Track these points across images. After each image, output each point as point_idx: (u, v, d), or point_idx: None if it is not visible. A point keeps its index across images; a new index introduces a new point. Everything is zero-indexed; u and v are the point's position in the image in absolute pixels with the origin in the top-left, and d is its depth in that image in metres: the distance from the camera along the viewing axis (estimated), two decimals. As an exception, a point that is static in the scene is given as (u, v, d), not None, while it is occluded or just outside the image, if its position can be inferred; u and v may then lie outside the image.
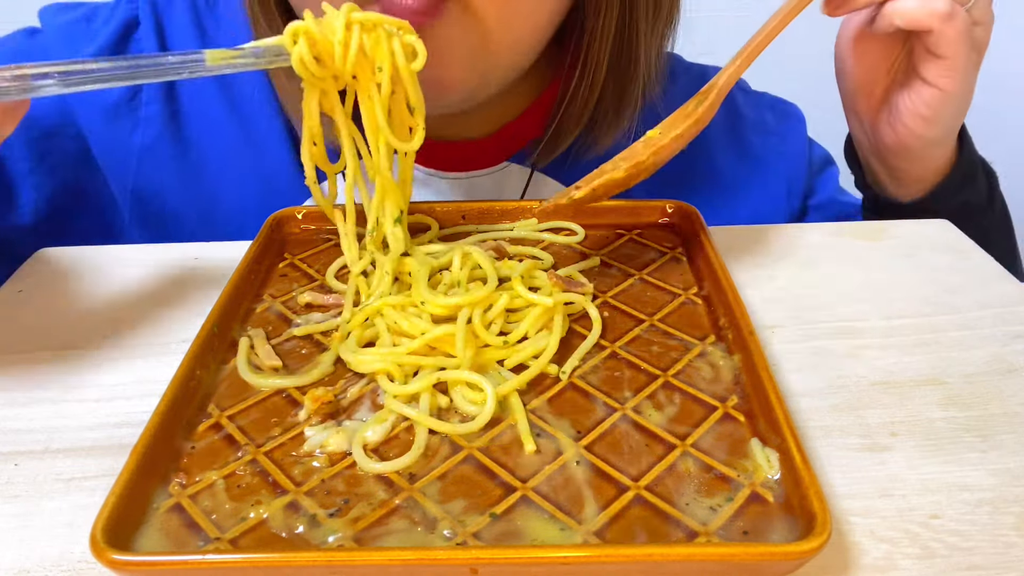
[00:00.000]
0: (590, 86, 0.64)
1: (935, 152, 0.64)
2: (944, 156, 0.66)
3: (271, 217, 0.57)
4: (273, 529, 0.34)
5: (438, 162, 0.70)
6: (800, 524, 0.33)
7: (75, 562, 0.34)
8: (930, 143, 0.63)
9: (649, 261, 0.54)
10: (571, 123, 0.66)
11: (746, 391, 0.41)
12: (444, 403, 0.41)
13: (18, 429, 0.42)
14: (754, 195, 0.75)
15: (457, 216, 0.59)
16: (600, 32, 0.61)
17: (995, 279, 0.53)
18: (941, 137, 0.63)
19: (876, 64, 0.63)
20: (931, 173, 0.66)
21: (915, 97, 0.60)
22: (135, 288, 0.54)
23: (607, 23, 0.61)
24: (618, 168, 0.49)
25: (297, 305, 0.50)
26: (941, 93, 0.59)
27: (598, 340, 0.46)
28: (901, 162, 0.65)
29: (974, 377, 0.44)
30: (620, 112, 0.66)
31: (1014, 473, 0.38)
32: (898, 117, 0.62)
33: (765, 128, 0.78)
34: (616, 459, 0.37)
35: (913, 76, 0.60)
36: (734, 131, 0.76)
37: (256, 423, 0.40)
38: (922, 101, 0.60)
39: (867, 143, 0.67)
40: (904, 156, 0.64)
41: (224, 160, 0.69)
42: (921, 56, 0.58)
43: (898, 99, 0.62)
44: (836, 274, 0.54)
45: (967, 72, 0.58)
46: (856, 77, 0.65)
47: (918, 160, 0.65)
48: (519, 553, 0.32)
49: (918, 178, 0.66)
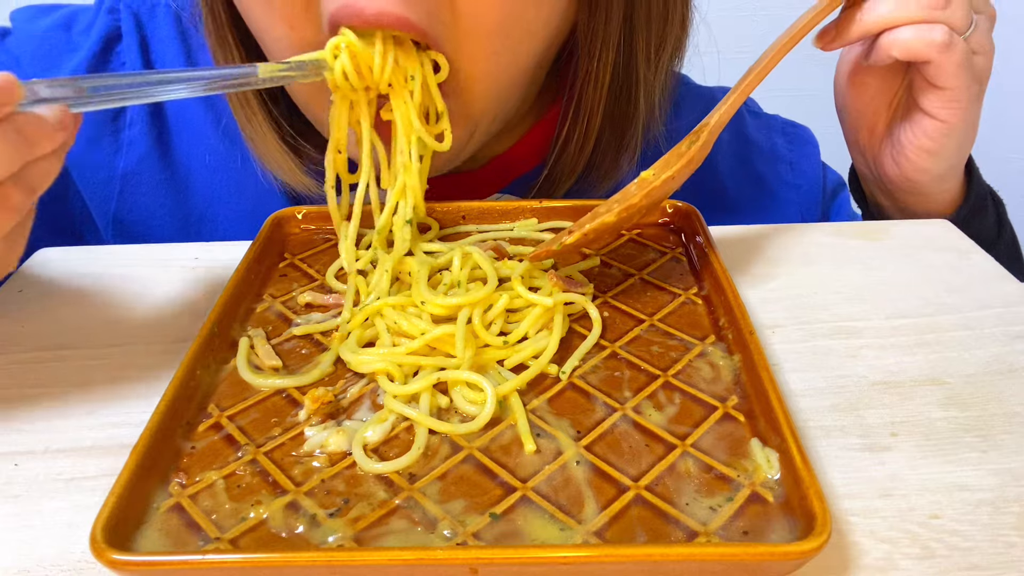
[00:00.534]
0: (585, 134, 0.62)
1: (941, 187, 0.63)
2: (952, 191, 0.64)
3: (271, 217, 0.57)
4: (273, 529, 0.34)
5: (428, 195, 0.68)
6: (800, 524, 0.33)
7: (75, 562, 0.34)
8: (935, 178, 0.61)
9: (649, 261, 0.54)
10: (566, 170, 0.64)
11: (746, 391, 0.41)
12: (444, 403, 0.41)
13: (18, 429, 0.42)
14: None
15: (457, 216, 0.59)
16: (595, 76, 0.59)
17: (995, 279, 0.53)
18: (946, 171, 0.61)
19: (876, 97, 0.62)
20: (939, 207, 0.64)
21: (917, 130, 0.59)
22: (135, 288, 0.54)
23: (602, 68, 0.58)
24: (611, 211, 0.48)
25: (297, 305, 0.50)
26: (943, 125, 0.57)
27: (598, 340, 0.46)
28: (907, 197, 0.63)
29: (974, 377, 0.44)
30: (618, 157, 0.64)
31: (1014, 473, 0.38)
32: (901, 151, 0.60)
33: (776, 155, 0.75)
34: (616, 459, 0.37)
35: (914, 109, 0.59)
36: (743, 157, 0.74)
37: (256, 423, 0.40)
38: (924, 134, 0.58)
39: (872, 178, 0.66)
40: (909, 191, 0.63)
41: (213, 178, 0.68)
42: (921, 88, 0.57)
43: (900, 133, 0.60)
44: (836, 274, 0.54)
45: (969, 103, 0.57)
46: (856, 112, 0.63)
47: (924, 195, 0.63)
48: (519, 553, 0.32)
49: (926, 212, 0.64)
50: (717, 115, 0.51)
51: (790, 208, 0.74)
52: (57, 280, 0.55)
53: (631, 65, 0.59)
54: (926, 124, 0.58)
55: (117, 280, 0.55)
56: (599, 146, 0.63)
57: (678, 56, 0.63)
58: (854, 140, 0.66)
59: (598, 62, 0.58)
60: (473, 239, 0.56)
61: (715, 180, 0.56)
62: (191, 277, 0.55)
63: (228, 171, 0.67)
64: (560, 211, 0.58)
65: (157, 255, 0.58)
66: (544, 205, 0.58)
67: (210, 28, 0.59)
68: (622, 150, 0.63)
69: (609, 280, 0.52)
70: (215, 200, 0.68)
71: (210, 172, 0.67)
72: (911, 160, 0.60)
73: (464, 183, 0.68)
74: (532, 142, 0.68)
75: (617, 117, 0.62)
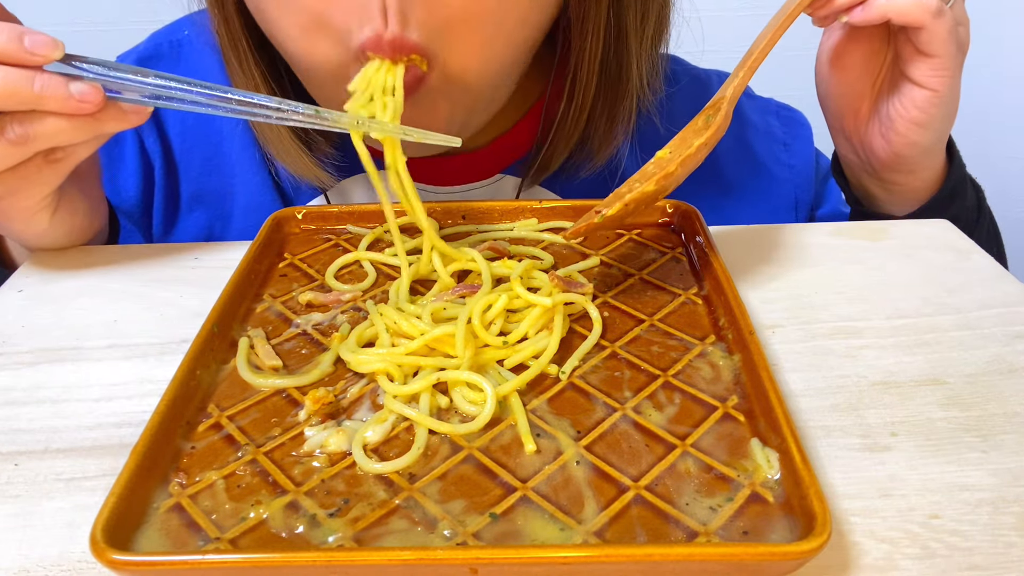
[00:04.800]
0: (580, 107, 0.63)
1: (929, 162, 0.64)
2: (936, 167, 0.65)
3: (271, 217, 0.57)
4: (273, 529, 0.34)
5: (432, 177, 0.69)
6: (800, 524, 0.33)
7: (75, 562, 0.34)
8: (924, 151, 0.62)
9: (649, 261, 0.54)
10: (562, 143, 0.65)
11: (746, 391, 0.41)
12: (444, 403, 0.41)
13: (18, 429, 0.42)
14: (760, 206, 0.74)
15: (457, 216, 0.59)
16: (588, 53, 0.60)
17: (995, 279, 0.53)
18: (934, 142, 0.62)
19: (860, 79, 0.63)
20: (925, 185, 0.66)
21: (907, 102, 0.60)
22: (135, 288, 0.54)
23: (594, 43, 0.60)
24: (650, 180, 0.48)
25: (297, 305, 0.50)
26: (933, 94, 0.58)
27: (598, 340, 0.46)
28: (895, 175, 0.64)
29: (974, 377, 0.44)
30: (612, 127, 0.65)
31: (1014, 473, 0.38)
32: (891, 126, 0.61)
33: (771, 136, 0.77)
34: (616, 459, 0.37)
35: (902, 81, 0.60)
36: (740, 137, 0.75)
37: (256, 423, 0.40)
38: (914, 105, 0.59)
39: (858, 162, 0.67)
40: (899, 167, 0.63)
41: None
42: (910, 58, 0.58)
43: (889, 108, 0.61)
44: (836, 274, 0.54)
45: (955, 72, 0.58)
46: (840, 95, 0.64)
47: (913, 171, 0.64)
48: (519, 553, 0.31)
49: (913, 190, 0.66)
50: (731, 87, 0.51)
51: (785, 187, 0.76)
52: (57, 280, 0.55)
53: (621, 39, 0.61)
54: (916, 95, 0.59)
55: (117, 280, 0.55)
56: (593, 117, 0.64)
57: (664, 28, 0.64)
58: (839, 127, 0.66)
59: (590, 38, 0.59)
60: (473, 239, 0.56)
61: (713, 159, 0.57)
62: (191, 277, 0.55)
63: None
64: (560, 211, 0.58)
65: (157, 255, 0.58)
66: (544, 205, 0.58)
67: (223, 33, 0.60)
68: (616, 121, 0.65)
69: (609, 280, 0.52)
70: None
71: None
72: (901, 134, 0.61)
73: (465, 164, 0.69)
74: (532, 122, 0.69)
75: (609, 90, 0.63)
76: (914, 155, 0.62)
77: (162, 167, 0.71)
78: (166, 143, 0.71)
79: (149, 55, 0.72)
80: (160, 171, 0.71)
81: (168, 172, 0.71)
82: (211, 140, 0.71)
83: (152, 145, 0.70)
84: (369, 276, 0.53)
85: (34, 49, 0.45)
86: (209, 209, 0.72)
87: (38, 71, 0.45)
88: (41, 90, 0.45)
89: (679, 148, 0.49)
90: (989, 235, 0.71)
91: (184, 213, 0.72)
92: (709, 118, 0.50)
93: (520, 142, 0.70)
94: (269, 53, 0.60)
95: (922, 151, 0.62)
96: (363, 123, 0.48)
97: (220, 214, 0.72)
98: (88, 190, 0.58)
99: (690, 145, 0.49)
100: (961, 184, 0.67)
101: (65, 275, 0.56)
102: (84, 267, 0.56)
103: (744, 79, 0.52)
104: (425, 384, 0.41)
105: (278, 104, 0.47)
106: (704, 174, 0.53)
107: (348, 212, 0.58)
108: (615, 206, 0.48)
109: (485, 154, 0.69)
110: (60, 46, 0.46)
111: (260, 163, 0.69)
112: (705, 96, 0.53)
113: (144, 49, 0.73)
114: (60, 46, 0.46)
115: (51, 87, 0.45)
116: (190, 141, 0.71)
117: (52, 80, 0.45)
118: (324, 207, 0.59)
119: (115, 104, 0.47)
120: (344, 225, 0.59)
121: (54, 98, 0.45)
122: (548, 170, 0.67)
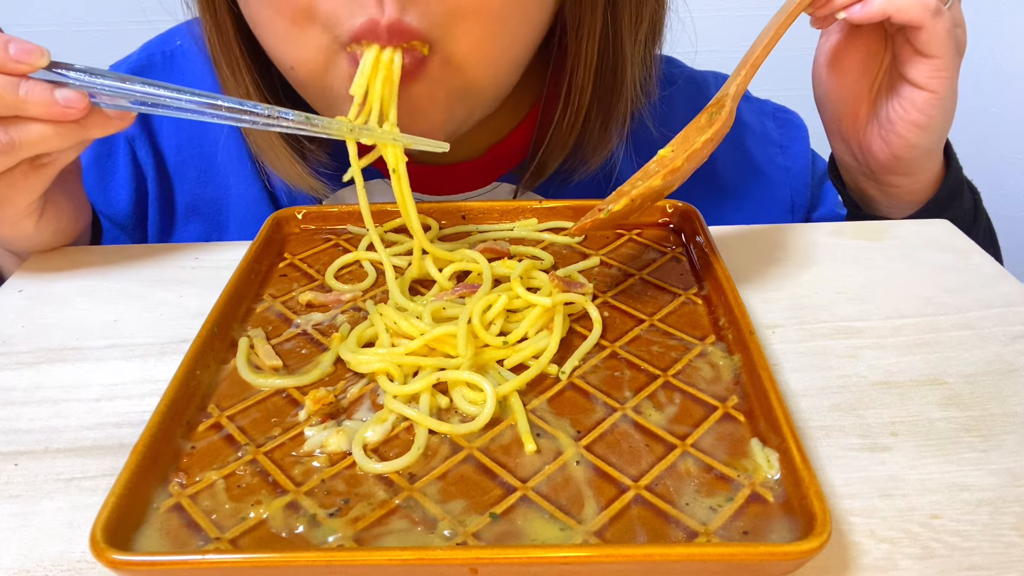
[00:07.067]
0: (576, 111, 0.63)
1: (926, 164, 0.64)
2: (934, 170, 0.65)
3: (271, 217, 0.57)
4: (273, 529, 0.34)
5: (427, 186, 0.68)
6: (800, 524, 0.33)
7: (75, 562, 0.34)
8: (923, 153, 0.62)
9: (649, 261, 0.54)
10: (557, 147, 0.65)
11: (746, 391, 0.41)
12: (444, 403, 0.41)
13: (18, 429, 0.42)
14: (756, 208, 0.74)
15: (457, 216, 0.59)
16: (583, 57, 0.60)
17: (995, 279, 0.53)
18: (933, 144, 0.62)
19: (858, 81, 0.63)
20: (922, 187, 0.65)
21: (907, 104, 0.59)
22: (135, 288, 0.54)
23: (590, 46, 0.60)
24: (656, 175, 0.48)
25: (297, 305, 0.50)
26: (933, 96, 0.58)
27: (598, 340, 0.46)
28: (893, 177, 0.64)
29: (974, 377, 0.44)
30: (607, 130, 0.65)
31: (1014, 473, 0.38)
32: (891, 128, 0.61)
33: (767, 138, 0.76)
34: (616, 459, 0.37)
35: (901, 83, 0.60)
36: (736, 139, 0.75)
37: (256, 423, 0.40)
38: (914, 107, 0.59)
39: (856, 164, 0.67)
40: (897, 169, 0.63)
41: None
42: (909, 59, 0.58)
43: (888, 110, 0.61)
44: (836, 274, 0.54)
45: (954, 73, 0.58)
46: (838, 98, 0.64)
47: (910, 173, 0.64)
48: (519, 553, 0.31)
49: (910, 193, 0.66)
50: (735, 85, 0.51)
51: (781, 190, 0.76)
52: (57, 280, 0.55)
53: (616, 42, 0.61)
54: (915, 96, 0.59)
55: (117, 280, 0.55)
56: (588, 121, 0.64)
57: (658, 31, 0.64)
58: (837, 129, 0.66)
59: (586, 42, 0.60)
60: (473, 239, 0.56)
61: (709, 161, 0.57)
62: (191, 277, 0.55)
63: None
64: (560, 211, 0.58)
65: (157, 255, 0.58)
66: (544, 205, 0.58)
67: (215, 41, 0.60)
68: (611, 124, 0.65)
69: (609, 280, 0.52)
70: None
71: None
72: (901, 136, 0.61)
73: (461, 172, 0.69)
74: (526, 130, 0.69)
75: (604, 93, 0.63)
76: (913, 157, 0.62)
77: (155, 178, 0.71)
78: (159, 154, 0.71)
79: (141, 65, 0.72)
80: (153, 182, 0.71)
81: (162, 183, 0.71)
82: (205, 151, 0.71)
83: (144, 156, 0.70)
84: (369, 276, 0.53)
85: (19, 57, 0.45)
86: (205, 220, 0.72)
87: (23, 78, 0.46)
88: (26, 96, 0.45)
89: (683, 144, 0.49)
90: (986, 238, 0.70)
91: (180, 224, 0.72)
92: (713, 115, 0.50)
93: (515, 150, 0.69)
94: (261, 62, 0.59)
95: (921, 153, 0.62)
96: (355, 129, 0.48)
97: (216, 225, 0.72)
98: (71, 192, 0.59)
99: (694, 141, 0.49)
100: (958, 187, 0.67)
101: (65, 275, 0.56)
102: (84, 267, 0.56)
103: (747, 77, 0.52)
104: (425, 384, 0.41)
105: (268, 111, 0.47)
106: (700, 176, 0.53)
107: (348, 212, 0.59)
108: (621, 202, 0.48)
109: (480, 163, 0.69)
110: (46, 54, 0.46)
111: (254, 174, 0.69)
112: (701, 97, 0.53)
113: (136, 60, 0.72)
114: (46, 54, 0.46)
115: (36, 93, 0.46)
116: (184, 152, 0.71)
117: (37, 87, 0.46)
118: (324, 207, 0.59)
119: (99, 110, 0.47)
120: (344, 225, 0.59)
121: (39, 104, 0.46)
122: (543, 175, 0.67)
